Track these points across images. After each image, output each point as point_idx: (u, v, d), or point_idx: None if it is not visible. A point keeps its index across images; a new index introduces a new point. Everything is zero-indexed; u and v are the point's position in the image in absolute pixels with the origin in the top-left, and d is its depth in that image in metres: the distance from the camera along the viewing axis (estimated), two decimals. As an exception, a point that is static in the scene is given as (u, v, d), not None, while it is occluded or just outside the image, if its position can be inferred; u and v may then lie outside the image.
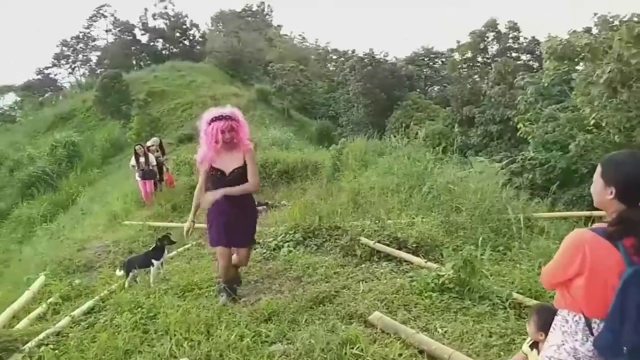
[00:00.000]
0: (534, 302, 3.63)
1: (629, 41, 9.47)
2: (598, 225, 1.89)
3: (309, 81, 33.37)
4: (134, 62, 41.30)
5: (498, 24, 30.31)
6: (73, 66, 44.11)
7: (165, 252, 5.48)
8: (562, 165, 12.49)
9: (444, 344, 3.30)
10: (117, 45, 41.76)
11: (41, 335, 3.94)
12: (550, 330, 2.02)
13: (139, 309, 4.11)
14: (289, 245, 5.59)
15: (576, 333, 1.88)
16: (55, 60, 43.43)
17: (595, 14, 11.42)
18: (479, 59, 30.64)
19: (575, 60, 11.32)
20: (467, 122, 24.07)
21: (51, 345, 3.74)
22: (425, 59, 39.54)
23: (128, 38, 42.58)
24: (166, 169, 12.14)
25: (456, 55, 31.67)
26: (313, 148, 15.62)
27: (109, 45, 42.77)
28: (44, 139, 24.26)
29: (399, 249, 5.20)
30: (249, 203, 4.35)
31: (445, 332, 3.53)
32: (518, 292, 4.01)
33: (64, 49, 43.50)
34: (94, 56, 44.42)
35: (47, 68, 43.22)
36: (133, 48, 42.43)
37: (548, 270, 2.01)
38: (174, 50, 42.17)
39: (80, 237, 8.79)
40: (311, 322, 3.69)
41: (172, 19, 42.63)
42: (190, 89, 28.20)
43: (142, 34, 43.24)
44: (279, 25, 47.92)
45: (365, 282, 4.46)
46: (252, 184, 4.19)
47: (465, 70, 30.59)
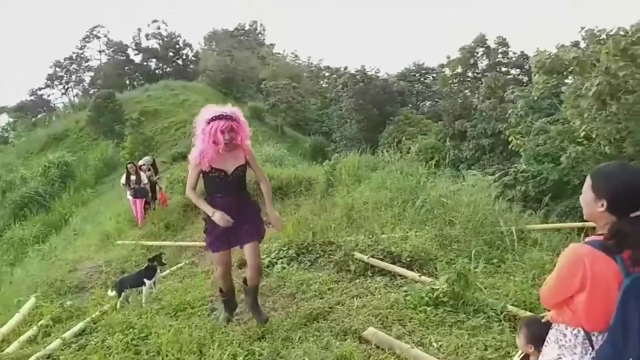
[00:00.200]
0: (529, 315, 3.62)
1: (616, 54, 9.62)
2: (593, 237, 1.86)
3: (302, 98, 33.65)
4: (127, 82, 41.59)
5: (487, 40, 30.77)
6: (66, 87, 44.30)
7: (158, 272, 5.46)
8: (554, 177, 12.55)
9: (439, 359, 3.27)
10: (111, 66, 42.03)
11: (32, 359, 3.89)
12: (545, 344, 1.99)
13: (131, 330, 4.05)
14: (282, 262, 5.55)
15: (575, 347, 1.85)
16: (49, 81, 43.57)
17: (582, 27, 11.54)
18: (469, 74, 31.01)
19: (564, 73, 11.45)
20: (459, 136, 24.28)
21: (41, 368, 3.68)
22: (417, 75, 40.09)
23: (121, 58, 42.92)
24: (159, 187, 12.09)
25: (447, 71, 32.05)
26: (307, 164, 15.61)
27: (102, 66, 43.03)
28: (37, 159, 24.14)
29: (393, 263, 5.17)
30: (253, 205, 4.09)
31: (440, 347, 3.50)
32: (512, 305, 4.00)
33: (57, 69, 43.69)
34: (87, 77, 44.74)
35: (40, 89, 43.38)
36: (126, 68, 42.77)
37: (549, 290, 1.94)
38: (167, 69, 42.55)
39: (72, 258, 8.69)
40: (305, 340, 3.66)
41: (165, 39, 43.10)
42: (184, 107, 28.27)
43: (136, 54, 43.73)
44: (271, 44, 48.47)
45: (360, 298, 4.43)
46: (267, 183, 4.10)
47: (456, 85, 30.92)
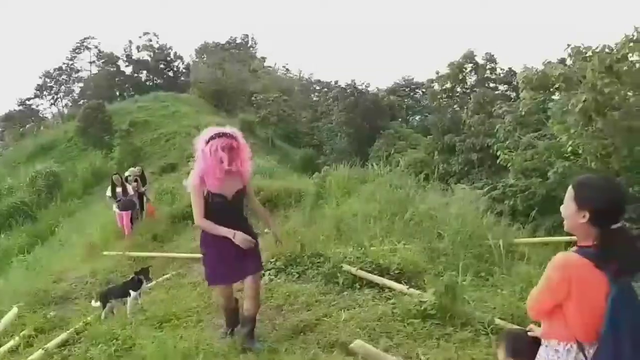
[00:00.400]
0: (519, 327, 3.61)
1: (602, 71, 9.84)
2: (579, 247, 1.87)
3: (293, 111, 33.79)
4: (118, 93, 41.41)
5: (475, 56, 31.23)
6: (55, 97, 44.06)
7: (144, 284, 5.38)
8: (542, 192, 12.70)
9: (427, 372, 3.25)
10: (101, 77, 41.93)
11: (11, 370, 3.80)
12: None
13: (115, 341, 4.01)
14: (270, 274, 5.51)
15: None
16: (38, 91, 43.32)
17: (568, 45, 11.75)
18: (458, 89, 31.38)
19: (551, 89, 11.66)
20: (448, 150, 24.51)
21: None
22: (406, 89, 40.50)
23: (112, 69, 42.84)
24: (147, 199, 11.97)
25: (436, 86, 32.43)
26: (297, 176, 15.59)
27: (93, 77, 42.90)
28: (24, 169, 23.80)
29: (382, 275, 5.15)
30: (254, 236, 3.92)
31: None
32: (500, 318, 3.99)
33: (47, 80, 43.48)
34: (77, 87, 44.52)
35: (29, 99, 43.08)
36: (117, 79, 42.68)
37: (535, 297, 1.94)
38: (158, 81, 42.54)
39: (57, 269, 8.56)
40: (291, 352, 3.63)
41: (157, 51, 43.16)
42: (174, 119, 28.19)
43: (126, 66, 43.67)
44: (262, 57, 48.67)
45: (347, 310, 4.40)
46: (264, 210, 4.34)
47: (445, 100, 31.25)
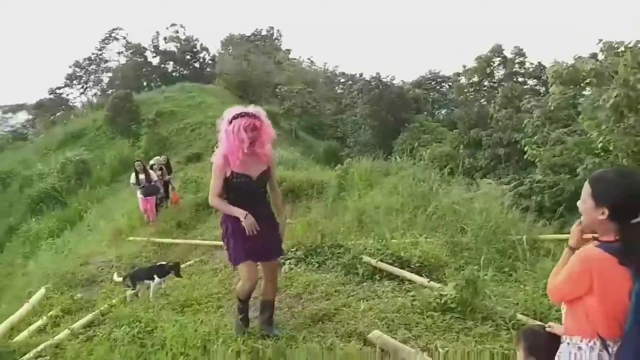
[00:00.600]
0: (539, 324, 3.56)
1: (634, 67, 9.52)
2: (602, 241, 1.85)
3: (317, 103, 33.75)
4: (145, 84, 42.05)
5: (504, 50, 30.60)
6: (85, 87, 44.96)
7: (170, 274, 5.42)
8: (571, 189, 12.41)
9: (444, 364, 3.23)
10: (129, 67, 42.58)
11: (39, 347, 3.94)
12: (556, 358, 1.94)
13: (137, 323, 4.09)
14: (290, 263, 5.54)
15: None
16: (68, 81, 44.27)
17: (600, 39, 11.43)
18: (486, 83, 30.83)
19: (581, 84, 11.36)
20: (475, 145, 24.14)
21: (48, 357, 3.73)
22: (432, 83, 39.97)
23: (139, 60, 43.46)
24: (172, 187, 12.19)
25: (463, 79, 31.93)
26: (319, 168, 15.60)
27: (121, 67, 43.61)
28: (54, 156, 24.48)
29: (402, 268, 5.14)
30: (275, 219, 3.89)
31: (446, 353, 3.45)
32: (522, 314, 3.93)
33: (77, 69, 44.40)
34: (105, 77, 45.30)
35: (60, 88, 44.03)
36: (144, 70, 43.29)
37: (556, 285, 1.95)
38: (184, 72, 42.98)
39: (84, 252, 8.81)
40: (309, 340, 3.64)
41: (183, 42, 43.58)
42: (200, 109, 28.50)
43: (154, 57, 44.24)
44: (287, 49, 48.68)
45: (366, 301, 4.39)
46: (279, 193, 3.97)
47: (472, 94, 30.76)
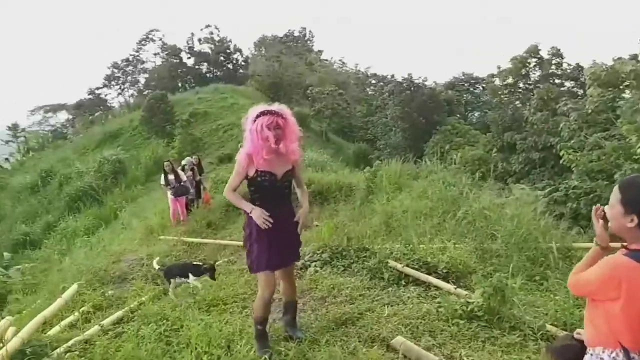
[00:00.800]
0: (566, 333, 3.44)
1: (679, 68, 9.12)
2: (632, 248, 1.81)
3: (348, 105, 33.70)
4: (180, 84, 42.90)
5: (540, 50, 29.78)
6: (122, 87, 46.17)
7: (204, 276, 5.50)
8: (608, 196, 11.90)
9: (469, 373, 3.17)
10: (164, 68, 43.52)
11: (70, 342, 4.07)
12: None
13: (165, 321, 4.17)
14: (315, 265, 5.54)
15: None
16: (106, 81, 45.58)
17: (641, 40, 11.03)
18: (521, 85, 30.10)
19: (621, 87, 10.95)
20: (508, 149, 23.59)
21: (77, 352, 3.84)
22: (466, 84, 39.32)
23: (175, 61, 44.37)
24: (203, 187, 12.40)
25: (497, 81, 31.24)
26: (349, 170, 15.56)
27: (157, 68, 44.62)
28: (92, 155, 25.30)
29: (429, 273, 5.07)
30: (296, 223, 3.74)
31: (471, 361, 3.39)
32: (552, 324, 3.82)
33: (115, 70, 45.67)
34: (142, 78, 46.43)
35: (98, 88, 45.34)
36: (179, 71, 44.15)
37: (581, 281, 1.93)
38: (218, 73, 43.64)
39: (117, 250, 9.05)
40: (332, 344, 3.64)
41: (217, 44, 44.27)
42: (232, 110, 28.90)
43: (188, 58, 45.08)
44: (319, 51, 48.84)
45: (391, 306, 4.35)
46: (306, 191, 3.81)
47: (507, 96, 30.07)
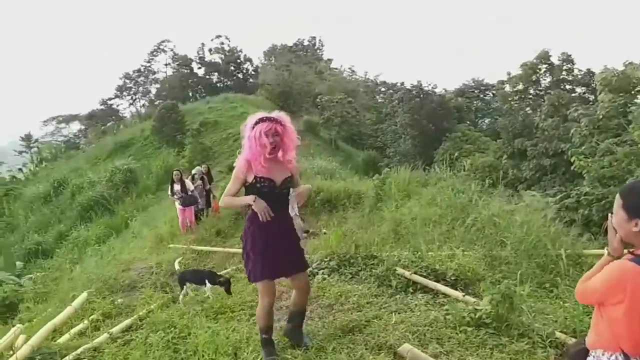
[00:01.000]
0: (577, 340, 3.40)
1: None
2: (637, 255, 1.79)
3: (357, 113, 33.76)
4: (190, 94, 43.35)
5: (550, 56, 29.59)
6: (134, 97, 46.80)
7: (217, 285, 5.52)
8: (620, 202, 11.83)
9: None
10: (175, 78, 44.07)
11: (79, 350, 4.10)
12: None
13: (172, 329, 4.19)
14: (323, 272, 5.53)
15: None
16: (118, 92, 46.25)
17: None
18: (531, 91, 29.92)
19: (632, 92, 10.86)
20: (519, 155, 23.41)
21: (86, 360, 3.87)
22: (475, 91, 39.20)
23: (186, 71, 44.92)
24: (213, 196, 12.47)
25: (507, 87, 31.11)
26: (358, 178, 15.55)
27: (168, 78, 45.17)
28: (104, 165, 25.60)
29: (437, 281, 5.04)
30: (296, 233, 3.79)
31: (479, 369, 3.36)
32: (561, 332, 3.78)
33: (126, 81, 46.33)
34: (153, 88, 47.03)
35: (110, 99, 46.04)
36: (190, 81, 44.67)
37: (588, 290, 1.92)
38: (228, 83, 44.08)
39: (127, 258, 9.12)
40: (339, 351, 3.63)
41: (227, 54, 44.76)
42: (242, 120, 28.28)
43: (199, 68, 45.63)
44: (329, 59, 49.08)
45: (398, 314, 4.33)
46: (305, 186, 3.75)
47: (517, 102, 29.91)
